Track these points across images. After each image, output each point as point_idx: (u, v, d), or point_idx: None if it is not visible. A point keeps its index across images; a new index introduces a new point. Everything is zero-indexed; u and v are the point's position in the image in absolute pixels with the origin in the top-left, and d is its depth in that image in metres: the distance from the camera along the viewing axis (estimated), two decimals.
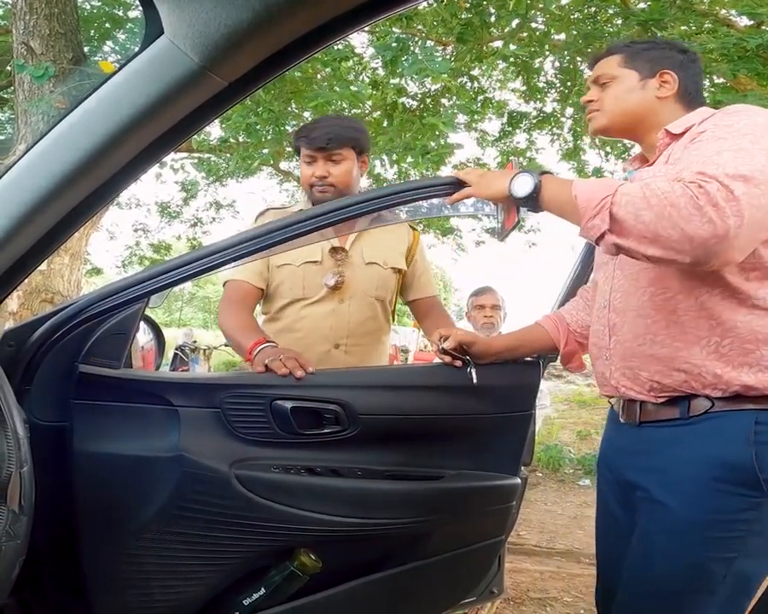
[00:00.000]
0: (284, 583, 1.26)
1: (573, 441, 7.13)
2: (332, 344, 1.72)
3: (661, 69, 1.27)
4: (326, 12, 0.56)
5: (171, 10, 0.57)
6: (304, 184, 1.78)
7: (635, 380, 1.22)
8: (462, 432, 1.42)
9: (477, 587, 1.60)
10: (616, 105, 1.30)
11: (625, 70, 1.30)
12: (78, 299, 1.18)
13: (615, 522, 1.33)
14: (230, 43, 0.56)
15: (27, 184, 0.73)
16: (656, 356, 1.17)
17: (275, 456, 1.27)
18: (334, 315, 1.73)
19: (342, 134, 1.72)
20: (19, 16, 4.09)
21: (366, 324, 1.77)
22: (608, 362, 1.28)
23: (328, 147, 1.70)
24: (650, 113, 1.28)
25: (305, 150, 1.73)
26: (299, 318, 1.73)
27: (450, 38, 5.10)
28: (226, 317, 1.66)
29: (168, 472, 1.18)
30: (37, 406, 1.13)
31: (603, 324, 1.30)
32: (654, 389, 1.19)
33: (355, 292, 1.75)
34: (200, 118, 0.65)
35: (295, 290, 1.74)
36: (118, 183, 0.73)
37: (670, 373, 1.16)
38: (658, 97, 1.27)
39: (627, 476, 1.27)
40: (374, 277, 1.78)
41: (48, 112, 4.06)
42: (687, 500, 1.12)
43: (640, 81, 1.28)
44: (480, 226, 9.05)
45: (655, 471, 1.19)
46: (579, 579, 3.07)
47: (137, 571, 1.21)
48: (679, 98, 1.28)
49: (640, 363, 1.20)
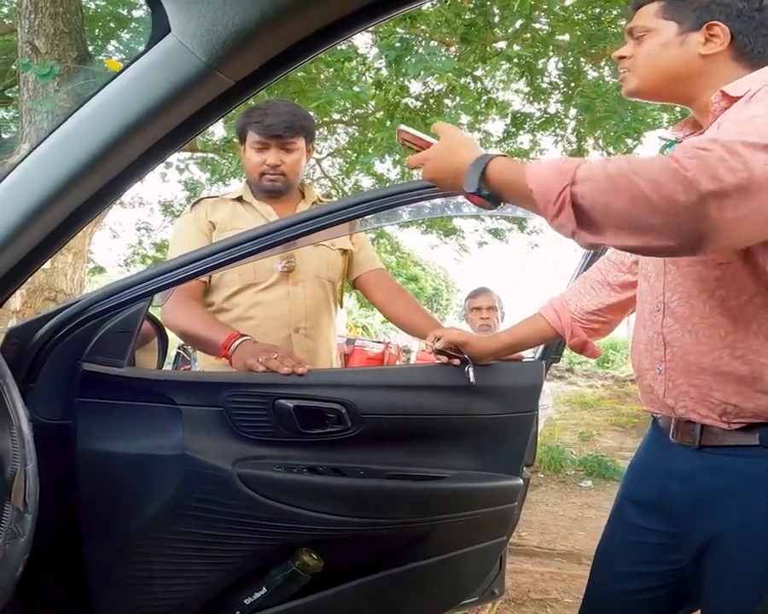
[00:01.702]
0: (286, 582, 1.26)
1: (575, 442, 7.12)
2: (292, 328, 1.67)
3: (710, 20, 1.03)
4: (333, 12, 0.56)
5: (179, 9, 0.57)
6: (252, 171, 1.71)
7: (702, 401, 1.02)
8: (464, 433, 1.42)
9: (478, 588, 1.60)
10: (650, 63, 1.07)
11: (662, 21, 1.07)
12: (82, 298, 1.18)
13: (634, 546, 1.16)
14: (238, 42, 0.56)
15: (33, 182, 0.73)
16: (735, 375, 0.98)
17: (277, 455, 1.27)
18: (290, 299, 1.68)
19: (296, 122, 1.67)
20: (23, 15, 4.10)
21: (320, 306, 1.73)
22: (663, 377, 1.08)
23: (284, 136, 1.65)
24: (693, 74, 1.05)
25: (257, 137, 1.66)
26: (253, 304, 1.66)
27: (454, 39, 5.10)
28: (180, 314, 1.56)
29: (171, 470, 1.18)
30: (41, 404, 1.13)
31: (656, 331, 1.10)
32: (729, 413, 0.99)
33: (307, 274, 1.71)
34: (207, 117, 0.65)
35: (245, 275, 1.66)
36: (124, 181, 0.73)
37: (753, 395, 0.97)
38: (702, 54, 1.03)
39: (688, 509, 1.06)
40: (323, 259, 1.74)
41: (52, 112, 4.06)
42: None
43: (679, 35, 1.05)
44: (483, 227, 9.05)
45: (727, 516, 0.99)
46: (580, 580, 3.06)
47: (140, 570, 1.22)
48: (737, 55, 1.03)
49: (712, 381, 1.00)
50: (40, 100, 4.08)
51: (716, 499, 1.00)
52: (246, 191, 1.77)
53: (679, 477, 1.07)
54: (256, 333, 1.53)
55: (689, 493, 1.05)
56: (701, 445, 1.03)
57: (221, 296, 1.69)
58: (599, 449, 6.65)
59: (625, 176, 0.79)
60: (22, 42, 4.13)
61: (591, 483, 5.33)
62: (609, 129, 5.17)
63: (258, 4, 0.52)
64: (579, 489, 5.23)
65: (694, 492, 1.04)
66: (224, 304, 1.68)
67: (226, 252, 1.20)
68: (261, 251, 1.22)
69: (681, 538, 1.07)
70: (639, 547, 1.14)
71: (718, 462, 1.01)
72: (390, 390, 1.36)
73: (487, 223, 8.79)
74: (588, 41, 4.79)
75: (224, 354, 1.40)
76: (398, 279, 16.93)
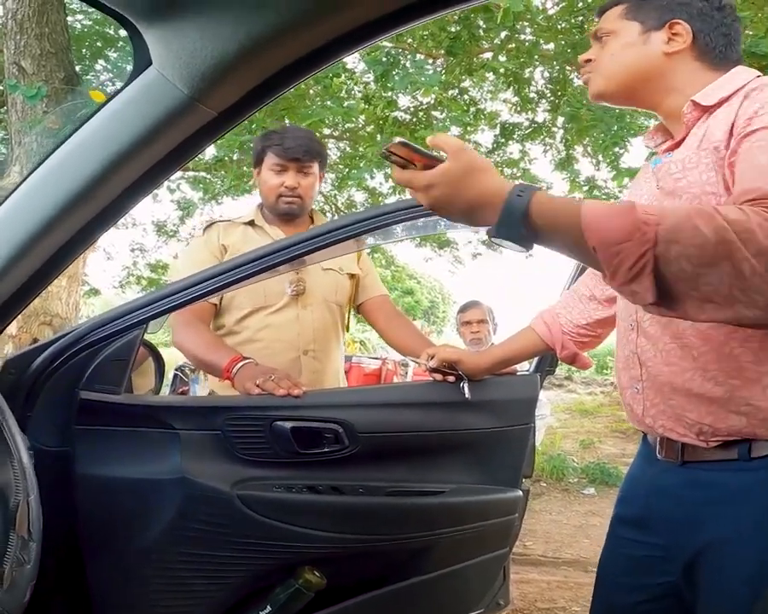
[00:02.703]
0: (289, 601, 1.26)
1: (576, 450, 7.09)
2: (300, 350, 1.69)
3: (672, 18, 1.02)
4: (313, 41, 0.57)
5: (159, 42, 0.58)
6: (269, 193, 1.73)
7: (678, 421, 1.00)
8: (461, 447, 1.42)
9: (483, 600, 1.59)
10: (613, 63, 1.06)
11: (626, 22, 1.06)
12: (78, 327, 1.20)
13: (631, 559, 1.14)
14: (217, 74, 0.57)
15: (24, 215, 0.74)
16: (707, 396, 0.96)
17: (276, 476, 1.27)
18: (299, 322, 1.70)
19: (313, 147, 1.72)
20: (9, 36, 4.09)
21: (328, 329, 1.75)
22: (641, 396, 1.07)
23: (302, 159, 1.69)
24: (656, 73, 1.04)
25: (276, 159, 1.70)
26: (262, 327, 1.68)
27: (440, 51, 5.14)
28: (187, 336, 1.59)
29: (171, 494, 1.19)
30: (40, 432, 1.14)
31: (632, 350, 1.09)
32: (705, 432, 0.97)
33: (316, 298, 1.73)
34: (192, 148, 0.66)
35: (256, 298, 1.68)
36: (113, 212, 0.73)
37: (726, 416, 0.95)
38: (665, 53, 1.02)
39: (674, 524, 1.05)
40: (332, 283, 1.76)
41: (41, 133, 4.07)
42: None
43: (642, 34, 1.04)
44: (477, 238, 9.09)
45: (711, 531, 0.97)
46: (587, 588, 3.02)
47: (143, 592, 1.22)
48: (699, 55, 1.03)
49: (686, 402, 0.98)
50: (29, 121, 4.08)
51: (700, 513, 0.99)
52: (257, 215, 1.80)
53: (664, 493, 1.06)
54: (265, 355, 1.57)
55: (673, 508, 1.04)
56: (683, 461, 1.02)
57: (232, 318, 1.71)
58: (601, 456, 6.63)
59: (727, 244, 0.67)
60: (9, 63, 4.11)
61: (594, 490, 5.31)
62: (597, 137, 5.21)
63: (235, 37, 0.53)
64: (583, 497, 5.21)
65: (678, 507, 1.03)
66: (235, 326, 1.70)
67: (220, 278, 1.21)
68: (255, 275, 1.23)
69: (669, 552, 1.06)
70: (635, 560, 1.13)
71: (699, 477, 1.00)
72: (386, 409, 1.37)
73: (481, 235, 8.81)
74: (572, 49, 4.82)
75: (226, 377, 1.42)
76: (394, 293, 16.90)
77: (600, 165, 6.31)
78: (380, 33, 0.56)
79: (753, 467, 0.94)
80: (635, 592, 1.13)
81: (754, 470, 0.94)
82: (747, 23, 3.77)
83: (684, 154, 0.98)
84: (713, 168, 0.91)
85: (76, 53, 5.19)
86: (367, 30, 0.56)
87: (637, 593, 1.13)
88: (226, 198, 8.17)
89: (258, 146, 1.76)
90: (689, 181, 0.95)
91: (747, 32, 3.78)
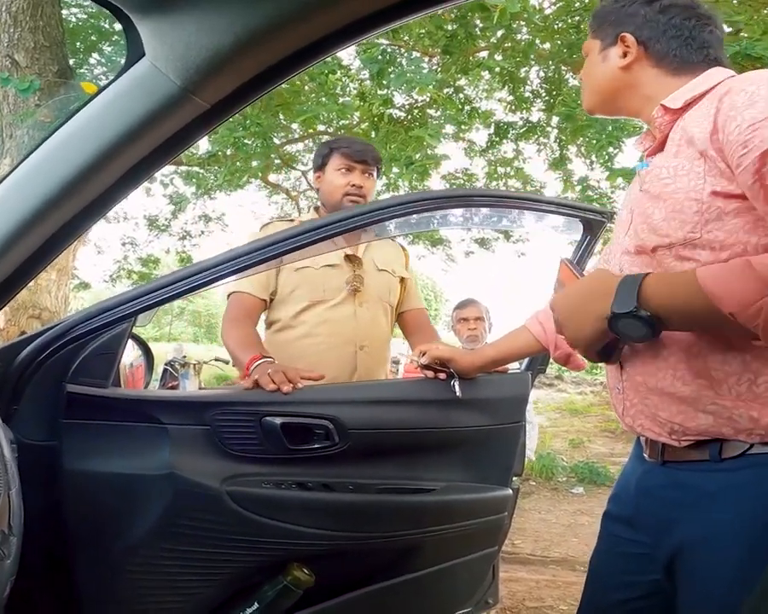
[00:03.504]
0: (278, 598, 1.26)
1: (566, 449, 7.13)
2: (357, 346, 1.74)
3: (621, 32, 1.05)
4: (309, 34, 0.56)
5: (152, 33, 0.58)
6: (334, 192, 1.80)
7: (653, 420, 1.03)
8: (452, 445, 1.42)
9: (472, 599, 1.60)
10: (587, 82, 1.13)
11: (592, 41, 1.11)
12: (66, 319, 1.18)
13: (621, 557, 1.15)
14: (212, 67, 0.56)
15: (12, 206, 0.73)
16: (677, 396, 0.98)
17: (266, 472, 1.27)
18: (356, 319, 1.76)
19: (377, 154, 1.84)
20: (3, 29, 4.07)
21: (379, 328, 1.81)
22: (622, 397, 1.09)
23: (368, 162, 1.80)
24: (621, 87, 1.08)
25: (345, 160, 1.79)
26: (320, 322, 1.73)
27: (436, 50, 5.14)
28: (229, 332, 1.66)
29: (159, 489, 1.18)
30: (26, 426, 1.13)
31: None
32: (676, 431, 1.00)
33: (371, 296, 1.79)
34: (184, 140, 0.66)
35: (315, 292, 1.74)
36: (103, 204, 0.73)
37: (695, 415, 0.97)
38: (621, 67, 1.06)
39: (656, 523, 1.06)
40: (385, 284, 1.84)
41: (33, 127, 4.05)
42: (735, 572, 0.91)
43: (601, 52, 1.09)
44: (470, 236, 9.11)
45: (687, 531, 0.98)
46: (575, 587, 3.06)
47: (131, 588, 1.21)
48: (656, 62, 1.05)
49: (658, 402, 1.01)
50: (21, 114, 4.06)
51: (678, 513, 1.00)
52: (314, 217, 1.86)
53: (648, 493, 1.08)
54: (323, 349, 1.67)
55: (656, 507, 1.05)
56: (663, 461, 1.04)
57: (289, 312, 1.75)
58: (590, 456, 6.67)
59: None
60: (2, 56, 4.09)
61: (583, 489, 5.34)
62: (591, 137, 5.22)
63: (232, 29, 0.53)
64: (571, 496, 5.23)
65: (660, 507, 1.04)
66: (292, 321, 1.75)
67: (210, 272, 1.20)
68: (247, 268, 1.22)
69: (653, 550, 1.07)
70: (625, 558, 1.14)
71: (678, 477, 1.02)
72: (377, 405, 1.36)
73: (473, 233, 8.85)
74: (568, 50, 4.84)
75: (245, 374, 1.44)
76: None
77: (593, 165, 6.34)
78: (377, 26, 0.55)
79: (724, 468, 0.95)
80: (626, 588, 1.14)
81: (725, 471, 0.95)
82: (743, 26, 3.79)
83: (672, 161, 0.99)
84: (703, 176, 0.92)
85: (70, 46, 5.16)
86: (364, 23, 0.55)
87: (628, 590, 1.13)
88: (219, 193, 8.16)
89: (324, 149, 1.86)
90: (677, 186, 0.96)
91: (743, 35, 3.80)
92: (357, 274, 1.77)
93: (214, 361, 6.50)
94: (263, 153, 5.36)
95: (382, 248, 1.88)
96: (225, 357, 7.82)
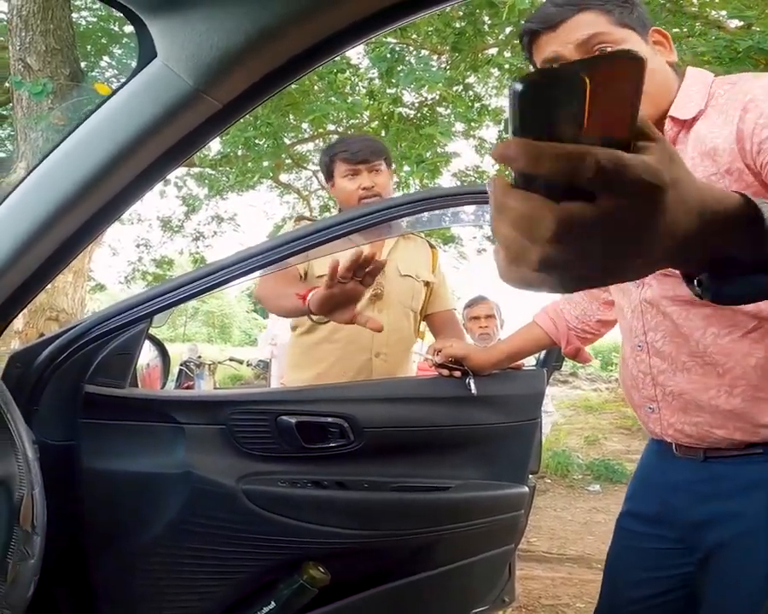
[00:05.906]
0: (294, 597, 1.26)
1: (581, 446, 7.09)
2: (373, 353, 1.73)
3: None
4: (320, 32, 0.57)
5: (164, 34, 0.58)
6: (348, 199, 1.78)
7: (705, 438, 1.00)
8: (468, 443, 1.42)
9: (488, 597, 1.59)
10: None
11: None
12: (83, 321, 1.19)
13: (641, 554, 1.15)
14: (223, 66, 0.56)
15: (29, 208, 0.74)
16: (735, 412, 0.94)
17: (281, 471, 1.27)
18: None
19: (377, 147, 1.80)
20: (14, 32, 4.09)
21: (401, 334, 1.79)
22: (657, 416, 1.07)
23: (371, 159, 1.75)
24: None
25: (347, 165, 1.76)
26: (338, 328, 1.69)
27: (445, 47, 5.13)
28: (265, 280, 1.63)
29: (176, 488, 1.19)
30: (45, 426, 1.14)
31: (643, 371, 1.08)
32: (736, 445, 0.97)
33: (392, 302, 1.77)
34: (198, 140, 0.66)
35: None
36: (118, 205, 0.73)
37: (755, 430, 0.94)
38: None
39: (692, 518, 1.05)
40: (408, 289, 1.81)
41: (47, 129, 4.08)
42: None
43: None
44: (481, 234, 9.07)
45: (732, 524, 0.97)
46: (592, 585, 3.05)
47: (148, 587, 1.22)
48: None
49: (711, 419, 0.98)
50: (35, 117, 4.09)
51: (721, 506, 0.99)
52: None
53: (682, 489, 1.06)
54: (338, 356, 1.67)
55: (693, 502, 1.04)
56: (705, 458, 1.02)
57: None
58: (606, 453, 6.62)
59: None
60: (14, 59, 4.12)
61: (599, 486, 5.30)
62: None
63: (242, 28, 0.53)
64: (587, 494, 5.20)
65: (698, 501, 1.03)
66: (313, 325, 1.72)
67: (224, 272, 1.20)
68: (263, 268, 1.23)
69: (687, 544, 1.06)
70: (645, 554, 1.13)
71: (721, 470, 1.00)
72: (391, 403, 1.36)
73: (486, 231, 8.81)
74: None
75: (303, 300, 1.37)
76: None
77: None
78: (385, 25, 0.55)
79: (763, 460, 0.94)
80: (645, 585, 1.13)
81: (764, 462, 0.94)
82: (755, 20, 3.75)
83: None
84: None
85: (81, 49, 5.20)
86: (372, 21, 0.55)
87: (646, 587, 1.13)
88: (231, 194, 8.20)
89: (326, 159, 1.83)
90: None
91: (755, 29, 3.76)
92: (378, 280, 1.70)
93: (228, 361, 6.54)
94: (274, 153, 5.38)
95: (407, 250, 1.85)
96: (239, 357, 7.85)
